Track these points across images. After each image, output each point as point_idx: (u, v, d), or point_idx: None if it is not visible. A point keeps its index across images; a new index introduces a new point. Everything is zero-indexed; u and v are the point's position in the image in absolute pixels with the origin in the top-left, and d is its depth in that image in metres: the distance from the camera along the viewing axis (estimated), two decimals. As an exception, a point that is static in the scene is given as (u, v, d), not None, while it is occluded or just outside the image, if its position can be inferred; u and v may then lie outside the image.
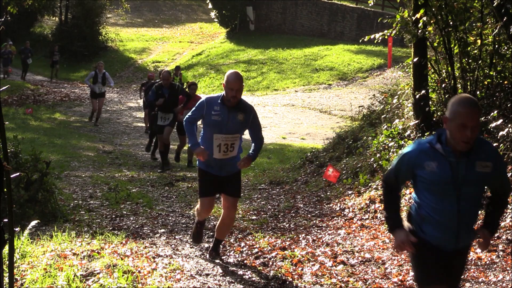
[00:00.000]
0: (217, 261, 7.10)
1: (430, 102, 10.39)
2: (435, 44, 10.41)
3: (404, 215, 4.54)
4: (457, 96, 4.18)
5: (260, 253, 7.48)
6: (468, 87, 9.95)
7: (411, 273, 6.66)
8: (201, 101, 6.77)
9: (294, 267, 6.95)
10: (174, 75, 15.81)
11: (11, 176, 4.93)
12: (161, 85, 13.99)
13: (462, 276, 4.84)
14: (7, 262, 5.00)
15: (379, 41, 10.53)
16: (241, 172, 7.10)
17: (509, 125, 8.52)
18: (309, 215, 9.74)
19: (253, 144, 6.93)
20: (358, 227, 8.82)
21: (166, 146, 14.17)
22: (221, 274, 6.67)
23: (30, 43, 34.65)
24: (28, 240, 7.16)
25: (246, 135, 6.99)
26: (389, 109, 12.49)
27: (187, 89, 15.22)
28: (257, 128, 6.86)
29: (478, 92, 9.83)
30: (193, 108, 6.84)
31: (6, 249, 4.98)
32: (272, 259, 7.25)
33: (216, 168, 6.81)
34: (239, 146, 6.87)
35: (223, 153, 6.68)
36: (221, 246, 7.42)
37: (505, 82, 9.69)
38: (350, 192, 10.42)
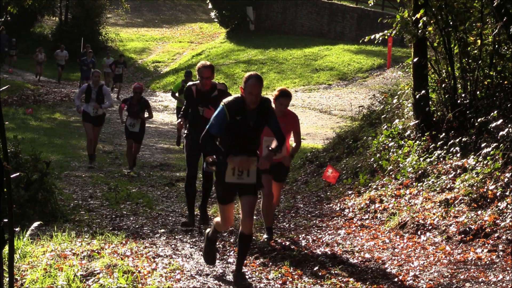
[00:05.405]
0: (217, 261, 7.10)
1: (430, 102, 10.39)
2: (435, 44, 10.40)
3: None
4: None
5: (260, 253, 7.48)
6: (468, 87, 9.95)
7: (411, 273, 6.67)
8: None
9: (294, 267, 6.95)
10: (184, 82, 15.59)
11: (11, 176, 4.93)
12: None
13: None
14: (7, 262, 5.00)
15: (379, 41, 10.52)
16: None
17: (509, 125, 8.51)
18: (309, 215, 9.74)
19: None
20: (358, 227, 8.82)
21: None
22: (221, 274, 6.67)
23: (30, 44, 34.50)
24: (28, 240, 7.16)
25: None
26: (389, 109, 12.48)
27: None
28: None
29: (478, 92, 9.83)
30: None
31: (6, 249, 4.99)
32: (272, 259, 7.26)
33: None
34: None
35: None
36: (221, 246, 7.36)
37: (505, 82, 9.69)
38: (350, 192, 10.42)
